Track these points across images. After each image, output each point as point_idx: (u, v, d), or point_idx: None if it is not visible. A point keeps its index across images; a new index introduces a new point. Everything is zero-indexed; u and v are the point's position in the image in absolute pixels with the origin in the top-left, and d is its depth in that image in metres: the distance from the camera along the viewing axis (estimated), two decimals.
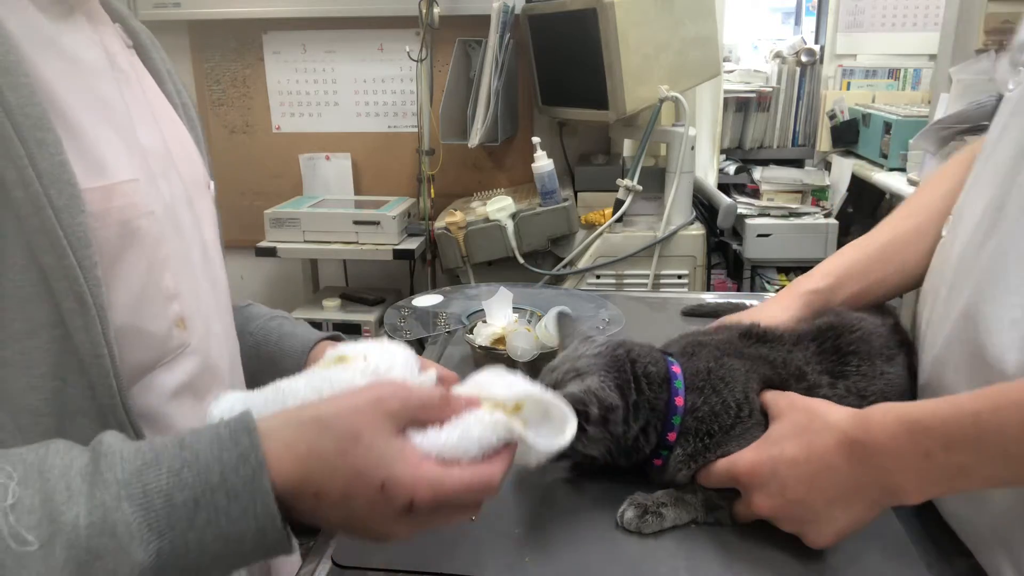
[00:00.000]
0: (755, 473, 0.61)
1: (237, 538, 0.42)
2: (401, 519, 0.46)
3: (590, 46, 1.63)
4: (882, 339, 0.73)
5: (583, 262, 1.77)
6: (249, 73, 2.26)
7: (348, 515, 0.46)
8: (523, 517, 0.65)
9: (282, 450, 0.44)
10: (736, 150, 2.68)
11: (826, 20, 2.77)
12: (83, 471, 0.41)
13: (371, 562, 0.61)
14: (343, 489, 0.45)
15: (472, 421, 0.50)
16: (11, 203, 0.45)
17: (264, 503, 0.42)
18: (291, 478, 0.44)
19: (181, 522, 0.41)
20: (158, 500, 0.41)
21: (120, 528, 0.39)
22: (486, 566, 0.61)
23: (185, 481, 0.41)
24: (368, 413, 0.46)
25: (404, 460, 0.46)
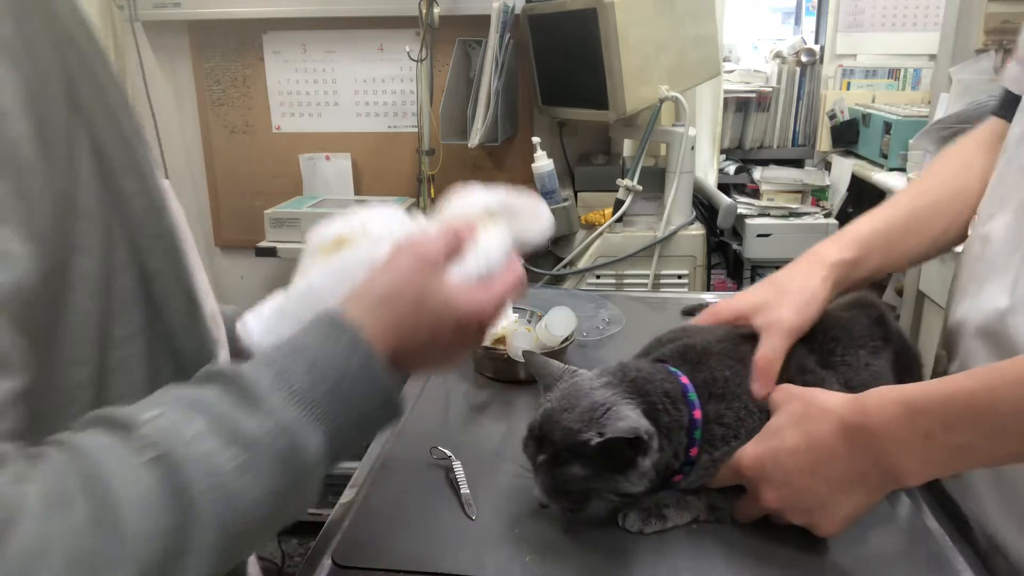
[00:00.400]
0: (759, 466, 0.61)
1: (367, 414, 0.49)
2: (476, 337, 0.57)
3: (590, 46, 1.63)
4: (863, 329, 0.73)
5: (583, 262, 1.77)
6: (249, 73, 2.25)
7: (435, 356, 0.55)
8: (523, 517, 0.65)
9: (376, 328, 0.50)
10: (736, 150, 2.68)
11: (826, 20, 2.77)
12: (227, 396, 0.43)
13: (371, 562, 0.61)
14: (429, 340, 0.53)
15: (484, 242, 0.58)
16: (130, 212, 0.46)
17: (382, 378, 0.49)
18: (389, 348, 0.50)
19: (330, 410, 0.46)
20: (309, 395, 0.45)
21: (295, 425, 0.44)
22: (486, 566, 0.61)
23: (318, 377, 0.46)
24: (419, 272, 0.53)
25: (461, 298, 0.54)
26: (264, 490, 0.42)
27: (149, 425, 0.39)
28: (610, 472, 0.59)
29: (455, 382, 0.96)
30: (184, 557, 0.38)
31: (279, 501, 0.43)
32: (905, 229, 0.77)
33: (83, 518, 0.35)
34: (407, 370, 0.53)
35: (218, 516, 0.39)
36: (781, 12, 3.19)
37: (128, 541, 0.36)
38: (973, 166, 0.79)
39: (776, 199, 2.37)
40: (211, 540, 0.39)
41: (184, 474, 0.39)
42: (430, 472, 0.74)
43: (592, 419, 0.59)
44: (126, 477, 0.37)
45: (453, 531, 0.65)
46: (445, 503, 0.69)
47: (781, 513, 0.61)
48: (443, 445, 0.76)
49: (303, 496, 0.46)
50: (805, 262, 0.74)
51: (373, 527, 0.66)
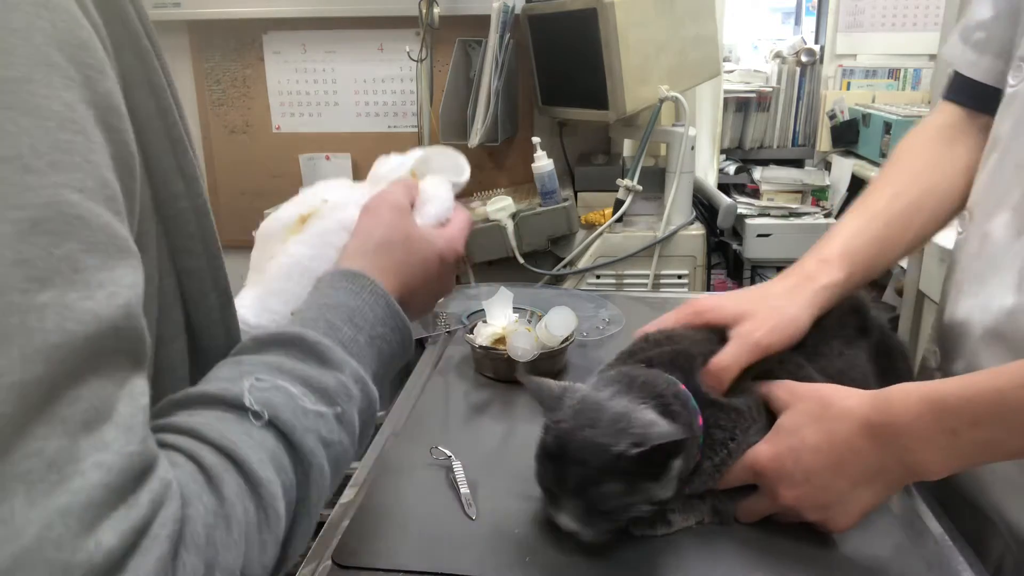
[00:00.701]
0: (778, 465, 0.61)
1: (393, 353, 0.55)
2: (452, 271, 0.64)
3: (590, 46, 1.63)
4: (833, 320, 0.73)
5: (583, 262, 1.77)
6: (249, 73, 2.25)
7: (428, 289, 0.61)
8: (523, 517, 0.65)
9: (381, 276, 0.55)
10: (736, 150, 2.68)
11: (826, 20, 2.77)
12: (293, 358, 0.46)
13: (371, 562, 0.61)
14: (423, 273, 0.60)
15: (432, 191, 0.66)
16: (177, 213, 0.46)
17: (400, 319, 0.55)
18: (395, 290, 0.56)
19: (370, 358, 0.52)
20: (355, 348, 0.50)
21: (360, 373, 0.48)
22: (486, 566, 0.61)
23: (358, 326, 0.51)
24: (400, 218, 0.60)
25: (436, 235, 0.62)
26: (352, 436, 0.47)
27: (249, 395, 0.42)
28: (646, 481, 0.57)
29: (455, 382, 0.96)
30: (303, 505, 0.43)
31: (360, 444, 0.49)
32: (886, 239, 0.77)
33: (236, 489, 0.38)
34: (409, 307, 0.57)
35: (325, 465, 0.44)
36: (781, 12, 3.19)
37: (274, 501, 0.39)
38: (940, 164, 0.80)
39: (776, 199, 2.37)
40: (320, 486, 0.44)
41: (296, 433, 0.42)
42: (430, 472, 0.74)
43: (621, 430, 0.57)
44: (251, 444, 0.40)
45: (453, 531, 0.65)
46: (445, 503, 0.69)
47: (797, 511, 0.61)
48: (443, 445, 0.76)
49: (368, 437, 0.51)
50: (795, 281, 0.72)
51: (373, 527, 0.66)
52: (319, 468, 0.43)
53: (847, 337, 0.74)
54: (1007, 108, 0.71)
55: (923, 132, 0.84)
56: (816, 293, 0.70)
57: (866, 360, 0.73)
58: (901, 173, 0.81)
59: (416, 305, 0.61)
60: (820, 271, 0.72)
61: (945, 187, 0.79)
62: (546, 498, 0.62)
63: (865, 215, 0.77)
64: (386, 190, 0.64)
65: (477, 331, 0.97)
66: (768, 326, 0.67)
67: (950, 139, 0.81)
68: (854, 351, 0.73)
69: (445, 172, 0.70)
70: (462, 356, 1.01)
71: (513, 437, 0.82)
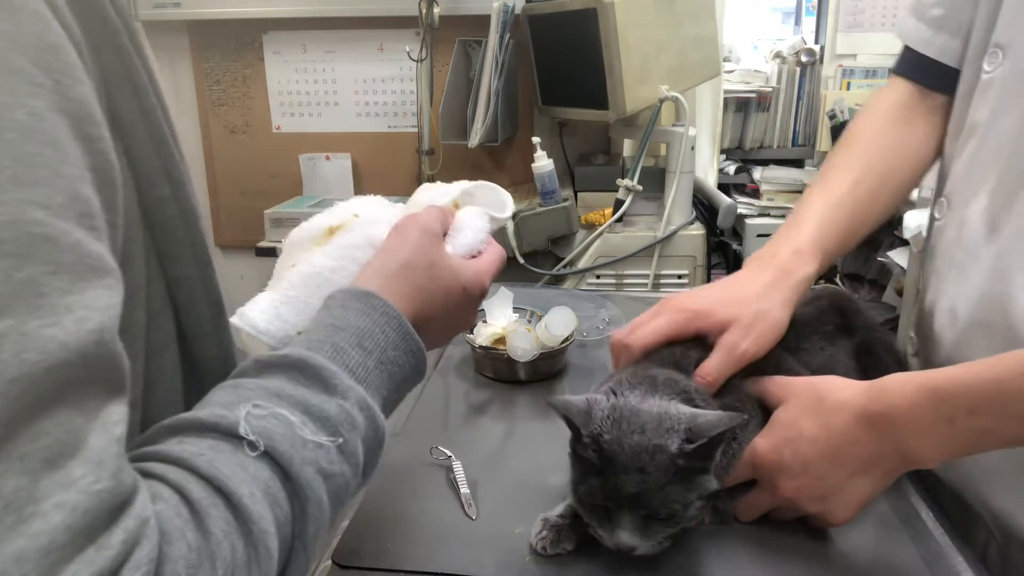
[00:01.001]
0: (776, 458, 0.61)
1: (405, 377, 0.53)
2: (476, 304, 0.62)
3: (590, 46, 1.63)
4: (810, 317, 0.75)
5: (583, 262, 1.77)
6: (249, 73, 2.25)
7: (447, 320, 0.59)
8: (523, 517, 0.65)
9: (397, 299, 0.53)
10: (736, 150, 2.68)
11: (826, 20, 2.77)
12: (296, 383, 0.44)
13: (371, 562, 0.61)
14: (443, 302, 0.58)
15: (467, 221, 0.64)
16: (163, 219, 0.45)
17: (414, 342, 0.53)
18: (411, 314, 0.54)
19: (379, 382, 0.50)
20: (363, 373, 0.48)
21: (366, 400, 0.46)
22: (486, 566, 0.61)
23: (367, 349, 0.49)
24: (426, 243, 0.58)
25: (464, 266, 0.60)
26: (355, 467, 0.44)
27: (245, 423, 0.39)
28: (699, 475, 0.57)
29: (455, 382, 0.96)
30: (299, 540, 0.40)
31: (365, 474, 0.47)
32: (850, 227, 0.77)
33: (223, 525, 0.35)
34: (425, 335, 0.55)
35: (324, 498, 0.41)
36: (781, 12, 3.19)
37: (265, 537, 0.37)
38: (897, 147, 0.81)
39: (776, 199, 2.37)
40: (318, 521, 0.41)
41: (293, 464, 0.40)
42: (430, 472, 0.74)
43: (671, 429, 0.56)
44: (243, 477, 0.37)
45: (453, 531, 0.65)
46: (445, 503, 0.69)
47: (796, 504, 0.62)
48: (443, 445, 0.76)
49: (375, 466, 0.49)
50: (774, 276, 0.71)
51: (373, 527, 0.66)
52: (317, 502, 0.41)
53: (827, 334, 0.75)
54: (984, 95, 0.71)
55: (878, 111, 0.84)
56: (793, 289, 0.71)
57: (847, 357, 0.74)
58: (860, 156, 0.81)
59: (432, 334, 0.58)
60: (795, 264, 0.72)
61: (903, 171, 0.80)
62: (595, 519, 0.58)
63: (830, 200, 0.77)
64: (420, 213, 0.61)
65: (477, 331, 0.97)
66: (753, 335, 0.67)
67: (905, 120, 0.82)
68: (835, 348, 0.74)
69: (488, 207, 0.67)
70: (462, 356, 1.01)
71: (513, 437, 0.82)
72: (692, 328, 0.70)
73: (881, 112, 0.84)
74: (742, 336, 0.67)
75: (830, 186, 0.79)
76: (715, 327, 0.69)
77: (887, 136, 0.81)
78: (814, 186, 0.81)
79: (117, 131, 0.41)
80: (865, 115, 0.85)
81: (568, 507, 0.63)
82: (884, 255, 2.11)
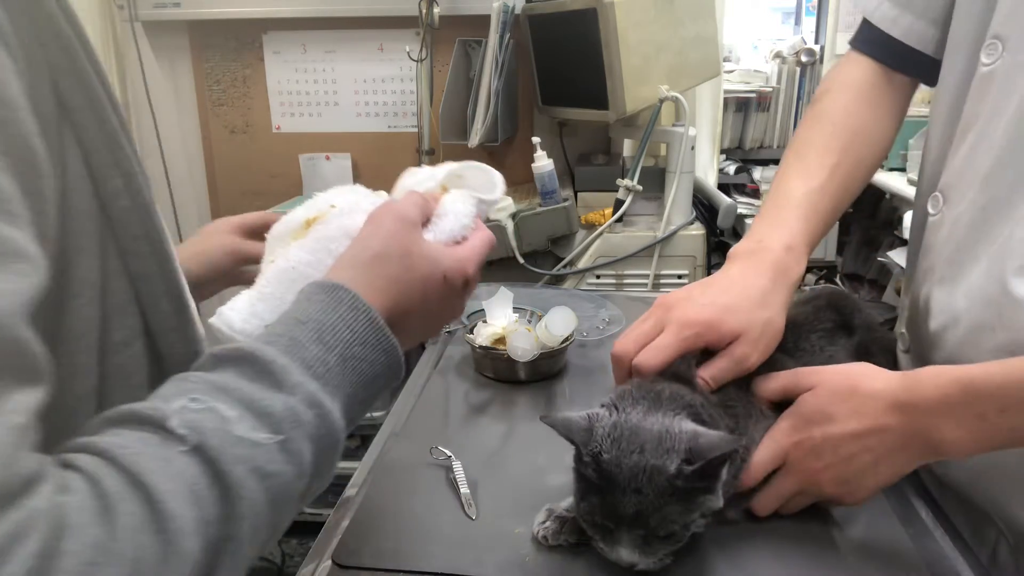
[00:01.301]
0: (807, 438, 0.62)
1: (375, 375, 0.49)
2: (461, 294, 0.60)
3: (590, 46, 1.63)
4: (807, 316, 0.76)
5: (583, 262, 1.77)
6: (249, 73, 2.25)
7: (428, 312, 0.57)
8: (523, 517, 0.65)
9: (370, 291, 0.51)
10: (736, 150, 2.68)
11: (826, 20, 2.76)
12: (244, 378, 0.43)
13: (371, 562, 0.61)
14: (422, 293, 0.55)
15: (450, 206, 0.61)
16: (117, 213, 0.44)
17: (386, 338, 0.50)
18: (385, 308, 0.52)
19: (340, 379, 0.47)
20: (321, 368, 0.46)
21: (317, 397, 0.44)
22: (486, 566, 0.61)
23: (328, 344, 0.47)
24: (403, 231, 0.55)
25: (443, 253, 0.57)
26: (300, 467, 0.42)
27: (178, 416, 0.38)
28: (701, 495, 0.56)
29: (455, 382, 0.96)
30: (230, 543, 0.38)
31: (312, 474, 0.44)
32: (830, 216, 0.78)
33: (133, 521, 0.34)
34: (403, 330, 0.53)
35: (260, 498, 0.39)
36: (781, 12, 3.19)
37: (180, 537, 0.35)
38: (868, 131, 0.81)
39: None
40: (254, 523, 0.39)
41: (223, 462, 0.38)
42: (430, 472, 0.74)
43: (670, 449, 0.55)
44: (167, 472, 0.36)
45: (453, 531, 0.65)
46: (445, 503, 0.69)
47: (818, 486, 0.62)
48: (443, 445, 0.76)
49: (331, 467, 0.46)
50: (772, 278, 0.71)
51: (373, 527, 0.66)
52: (250, 502, 0.38)
53: (826, 332, 0.75)
54: (984, 87, 0.69)
55: (846, 87, 0.83)
56: (790, 291, 0.72)
57: (847, 357, 0.74)
58: (837, 138, 0.80)
59: (413, 327, 0.56)
60: (791, 263, 0.72)
61: (872, 155, 0.81)
62: (597, 534, 0.58)
63: (812, 187, 0.77)
64: (395, 200, 0.59)
65: (477, 331, 0.97)
66: (762, 349, 0.68)
67: (873, 100, 0.82)
68: (835, 348, 0.74)
69: (477, 189, 0.65)
70: (462, 356, 1.01)
71: (513, 437, 0.82)
72: (701, 343, 0.69)
73: (851, 89, 0.83)
74: (751, 349, 0.68)
75: (810, 170, 0.78)
76: (724, 339, 0.68)
77: (859, 117, 0.81)
78: (793, 166, 0.80)
79: (67, 123, 0.41)
80: (834, 91, 0.84)
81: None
82: (884, 255, 2.11)
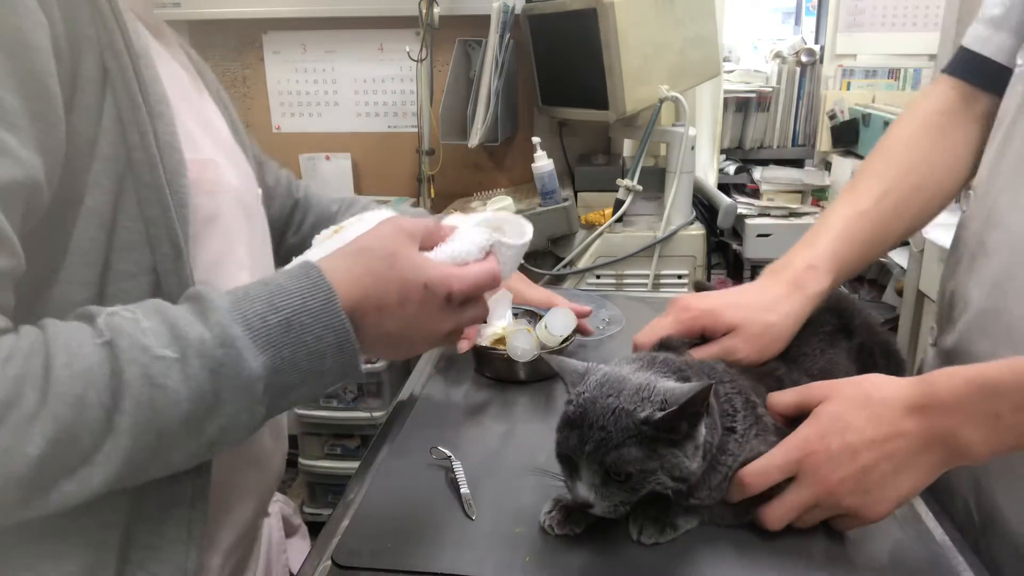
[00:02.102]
0: (823, 447, 0.60)
1: (321, 353, 0.52)
2: (444, 311, 0.59)
3: (590, 46, 1.63)
4: (810, 319, 0.75)
5: (583, 262, 1.77)
6: (249, 73, 2.25)
7: (405, 319, 0.57)
8: (523, 517, 0.65)
9: (343, 276, 0.53)
10: (736, 150, 2.68)
11: (826, 20, 2.77)
12: (191, 309, 0.49)
13: (371, 562, 0.61)
14: (398, 294, 0.55)
15: (463, 233, 0.62)
16: (133, 163, 0.52)
17: (338, 319, 0.52)
18: (355, 295, 0.54)
19: (278, 339, 0.50)
20: (257, 322, 0.50)
21: (238, 341, 0.48)
22: (486, 566, 0.61)
23: (276, 306, 0.50)
24: (396, 236, 0.57)
25: (432, 264, 0.58)
26: (189, 390, 0.47)
27: (109, 317, 0.47)
28: (667, 447, 0.57)
29: (455, 382, 0.96)
30: (110, 434, 0.45)
31: (201, 407, 0.48)
32: (870, 241, 0.77)
33: (24, 373, 0.42)
34: (378, 327, 0.55)
35: (144, 401, 0.45)
36: (781, 12, 3.19)
37: (52, 399, 0.43)
38: (931, 158, 0.79)
39: (776, 199, 2.37)
40: (136, 422, 0.45)
41: (122, 360, 0.45)
42: (430, 472, 0.74)
43: (644, 398, 0.58)
44: (73, 351, 0.44)
45: (453, 531, 0.65)
46: (445, 503, 0.69)
47: (836, 497, 0.60)
48: (443, 445, 0.76)
49: (237, 410, 0.49)
50: (786, 290, 0.72)
51: (373, 527, 0.66)
52: (134, 400, 0.45)
53: (826, 335, 0.75)
54: (1016, 86, 0.71)
55: (916, 118, 0.82)
56: (804, 304, 0.72)
57: (847, 360, 0.74)
58: (891, 167, 0.79)
59: (389, 329, 0.57)
60: (809, 279, 0.73)
61: (935, 184, 0.79)
62: (564, 470, 0.61)
63: (853, 212, 0.77)
64: (408, 218, 0.61)
65: (477, 331, 0.97)
66: (754, 346, 0.69)
67: (944, 128, 0.80)
68: (835, 351, 0.74)
69: (507, 234, 0.67)
70: (462, 356, 1.01)
71: (513, 437, 0.82)
72: (697, 326, 0.70)
73: (919, 120, 0.82)
74: (743, 343, 0.69)
75: (856, 196, 0.78)
76: (720, 328, 0.70)
77: (922, 147, 0.79)
78: (842, 195, 0.80)
79: (109, 86, 0.52)
80: (903, 122, 0.83)
81: None
82: (884, 255, 2.11)
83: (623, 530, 0.63)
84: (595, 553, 0.61)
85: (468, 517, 0.66)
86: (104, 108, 0.52)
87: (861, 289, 2.42)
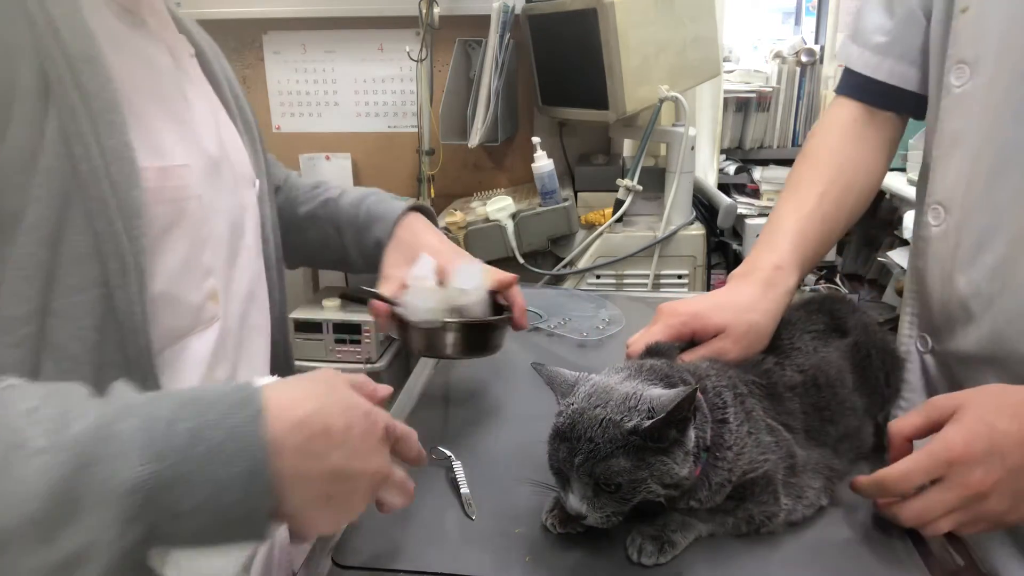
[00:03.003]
0: (969, 450, 0.58)
1: (225, 483, 0.43)
2: (382, 447, 0.54)
3: (590, 46, 1.63)
4: (800, 316, 0.78)
5: (583, 262, 1.77)
6: (249, 73, 2.25)
7: (349, 450, 0.49)
8: (523, 517, 0.65)
9: (282, 396, 0.48)
10: (736, 150, 2.68)
11: (826, 20, 2.77)
12: (102, 400, 0.45)
13: (371, 562, 0.61)
14: (343, 418, 0.50)
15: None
16: (77, 174, 0.51)
17: (259, 444, 0.44)
18: (294, 417, 0.47)
19: (178, 450, 0.42)
20: (159, 425, 0.43)
21: (123, 437, 0.41)
22: (486, 566, 0.61)
23: (187, 412, 0.44)
24: (337, 377, 0.54)
25: (367, 401, 0.54)
26: (45, 486, 0.39)
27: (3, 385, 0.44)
28: (656, 455, 0.57)
29: (455, 382, 0.96)
30: None
31: (55, 511, 0.39)
32: (821, 238, 0.85)
33: None
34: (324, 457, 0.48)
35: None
36: (781, 12, 3.19)
37: None
38: (854, 161, 0.89)
39: (776, 199, 2.37)
40: None
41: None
42: (430, 472, 0.74)
43: (631, 408, 0.58)
44: None
45: (453, 531, 0.65)
46: (445, 503, 0.69)
47: (981, 500, 0.58)
48: (443, 445, 0.76)
49: (92, 527, 0.40)
50: (761, 291, 0.76)
51: (373, 527, 0.66)
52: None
53: (819, 334, 0.76)
54: (959, 107, 0.77)
55: (832, 129, 0.92)
56: (779, 302, 0.76)
57: (841, 358, 0.74)
58: (822, 171, 0.88)
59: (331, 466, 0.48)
60: (779, 278, 0.78)
61: (861, 183, 0.88)
62: (557, 481, 0.61)
63: (801, 214, 0.85)
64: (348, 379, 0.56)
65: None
66: (743, 345, 0.73)
67: (858, 136, 0.90)
68: (828, 349, 0.75)
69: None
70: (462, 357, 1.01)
71: (513, 437, 0.82)
72: (688, 331, 0.74)
73: (836, 129, 0.91)
74: (732, 345, 0.72)
75: (799, 200, 0.86)
76: (709, 330, 0.73)
77: (844, 152, 0.89)
78: (785, 201, 0.88)
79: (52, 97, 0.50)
80: (820, 133, 0.93)
81: None
82: (884, 255, 2.11)
83: (623, 530, 0.63)
84: (595, 553, 0.61)
85: (468, 517, 0.66)
86: (48, 119, 0.50)
87: (861, 289, 2.42)
